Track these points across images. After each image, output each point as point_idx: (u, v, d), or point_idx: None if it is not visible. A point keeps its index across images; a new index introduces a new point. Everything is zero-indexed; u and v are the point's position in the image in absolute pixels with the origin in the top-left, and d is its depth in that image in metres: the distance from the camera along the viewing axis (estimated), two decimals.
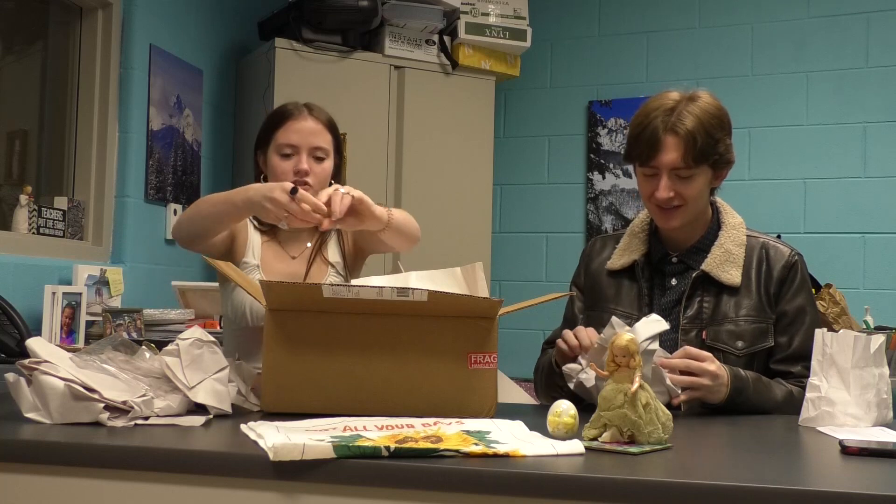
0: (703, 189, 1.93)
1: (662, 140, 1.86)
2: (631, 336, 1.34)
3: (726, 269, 1.92)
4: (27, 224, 3.05)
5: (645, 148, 1.89)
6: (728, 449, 1.42)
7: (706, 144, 1.87)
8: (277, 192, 1.85)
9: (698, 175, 1.89)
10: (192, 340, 1.50)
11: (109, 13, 3.42)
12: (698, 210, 1.95)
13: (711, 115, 1.89)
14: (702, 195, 1.93)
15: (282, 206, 1.84)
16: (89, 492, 1.25)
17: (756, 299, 1.91)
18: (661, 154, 1.87)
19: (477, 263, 1.75)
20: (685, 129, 1.86)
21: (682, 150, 1.86)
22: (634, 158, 1.94)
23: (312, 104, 2.23)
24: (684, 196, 1.89)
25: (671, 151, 1.86)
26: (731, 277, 1.91)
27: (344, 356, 1.55)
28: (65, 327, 2.87)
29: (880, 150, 4.16)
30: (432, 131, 4.11)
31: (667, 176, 1.88)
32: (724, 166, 1.94)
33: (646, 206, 1.99)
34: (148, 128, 3.50)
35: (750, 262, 1.94)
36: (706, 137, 1.87)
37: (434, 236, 4.05)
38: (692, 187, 1.89)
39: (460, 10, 4.08)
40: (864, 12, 4.19)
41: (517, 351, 4.66)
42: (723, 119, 1.92)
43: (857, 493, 1.06)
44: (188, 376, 1.47)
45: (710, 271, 1.92)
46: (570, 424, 1.32)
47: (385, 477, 1.17)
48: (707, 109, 1.89)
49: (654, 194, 1.89)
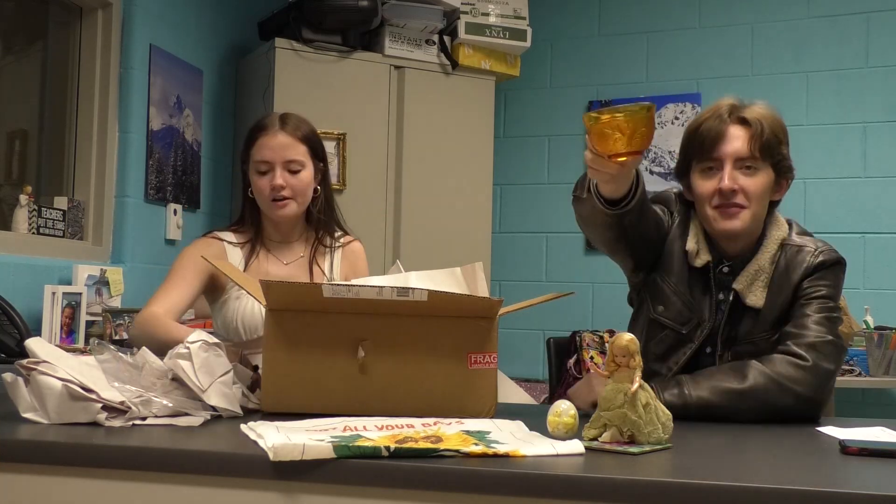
0: (766, 191, 1.84)
1: (727, 130, 1.81)
2: (631, 336, 1.34)
3: (753, 290, 1.84)
4: (27, 224, 3.05)
5: (707, 139, 1.81)
6: (728, 449, 1.42)
7: (772, 139, 1.81)
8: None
9: (762, 172, 1.82)
10: (199, 343, 1.51)
11: (109, 13, 3.42)
12: (759, 217, 1.86)
13: (774, 117, 1.86)
14: (763, 198, 1.84)
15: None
16: (87, 492, 1.25)
17: (776, 314, 1.83)
18: (725, 143, 1.81)
19: (477, 263, 1.75)
20: (752, 117, 1.81)
21: (749, 139, 1.80)
22: (693, 155, 1.86)
23: (289, 116, 2.23)
24: (748, 192, 1.81)
25: (737, 140, 1.80)
26: (755, 300, 1.83)
27: (344, 356, 1.55)
28: (65, 327, 2.87)
29: (880, 150, 4.16)
30: (432, 131, 4.11)
31: (731, 166, 1.80)
32: (785, 174, 1.87)
33: (702, 212, 1.87)
34: (148, 128, 3.50)
35: (776, 277, 1.85)
36: (771, 133, 1.81)
37: (434, 236, 4.05)
38: (756, 182, 1.81)
39: (460, 10, 4.08)
40: (864, 12, 4.19)
41: (517, 351, 4.67)
42: (783, 125, 1.87)
43: (857, 493, 1.06)
44: (201, 379, 1.48)
45: (740, 291, 1.84)
46: (570, 424, 1.32)
47: (385, 477, 1.17)
48: (769, 111, 1.86)
49: (716, 187, 1.80)
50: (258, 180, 2.17)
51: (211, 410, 1.49)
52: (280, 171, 2.14)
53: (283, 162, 2.15)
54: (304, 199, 2.19)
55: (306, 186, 2.18)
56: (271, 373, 1.56)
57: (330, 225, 2.29)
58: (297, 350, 1.56)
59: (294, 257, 2.23)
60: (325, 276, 2.23)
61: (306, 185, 2.18)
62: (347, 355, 1.55)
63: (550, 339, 3.37)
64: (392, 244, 4.02)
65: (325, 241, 2.27)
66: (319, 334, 1.56)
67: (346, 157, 3.91)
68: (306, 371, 1.55)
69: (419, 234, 4.04)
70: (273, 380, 1.56)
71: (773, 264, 1.84)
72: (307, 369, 1.55)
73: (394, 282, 1.66)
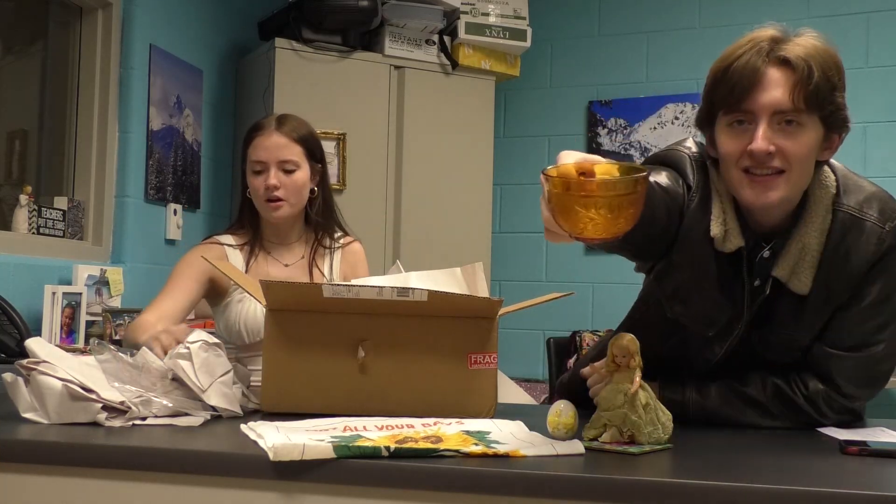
0: (811, 152, 1.43)
1: (763, 71, 1.40)
2: (631, 336, 1.34)
3: (797, 274, 1.48)
4: (27, 224, 3.04)
5: (736, 85, 1.41)
6: (728, 449, 1.42)
7: (823, 84, 1.40)
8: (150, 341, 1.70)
9: (808, 128, 1.42)
10: (199, 343, 1.51)
11: (109, 13, 3.42)
12: (801, 185, 1.46)
13: (828, 53, 1.43)
14: (808, 160, 1.44)
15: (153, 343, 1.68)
16: (87, 492, 1.25)
17: (825, 306, 1.50)
18: (759, 90, 1.40)
19: (477, 263, 1.75)
20: (796, 55, 1.40)
21: (792, 85, 1.39)
22: (719, 103, 1.45)
23: (287, 117, 2.24)
24: (788, 155, 1.41)
25: (775, 87, 1.40)
26: (799, 285, 1.48)
27: (344, 356, 1.55)
28: (65, 327, 2.87)
29: (880, 150, 4.16)
30: (432, 131, 4.11)
31: (766, 122, 1.40)
32: (838, 128, 1.46)
33: (729, 177, 1.47)
34: (148, 128, 3.50)
35: (828, 256, 1.47)
36: (822, 76, 1.40)
37: (434, 236, 4.05)
38: (800, 143, 1.41)
39: (460, 10, 4.08)
40: (864, 12, 4.19)
41: (517, 351, 4.67)
42: (839, 64, 1.45)
43: (857, 493, 1.06)
44: (201, 379, 1.48)
45: (780, 277, 1.49)
46: (569, 424, 1.32)
47: (385, 477, 1.17)
48: (820, 45, 1.44)
49: (747, 148, 1.41)
50: (253, 180, 2.17)
51: (211, 410, 1.49)
52: (274, 171, 2.14)
53: (277, 162, 2.15)
54: (297, 199, 2.19)
55: (301, 187, 2.18)
56: (271, 373, 1.56)
57: (329, 226, 2.29)
58: (297, 350, 1.56)
59: (294, 259, 2.23)
60: (324, 277, 2.23)
61: (301, 185, 2.18)
62: (347, 355, 1.55)
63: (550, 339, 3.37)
64: (392, 244, 4.02)
65: (324, 243, 2.27)
66: (319, 334, 1.56)
67: (346, 157, 3.91)
68: (306, 371, 1.55)
69: (419, 234, 4.04)
70: (273, 380, 1.56)
71: (821, 239, 1.47)
72: (307, 369, 1.55)
73: (394, 282, 1.66)
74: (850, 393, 1.55)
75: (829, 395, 1.54)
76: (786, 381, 1.56)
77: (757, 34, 1.46)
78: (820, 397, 1.54)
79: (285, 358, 1.56)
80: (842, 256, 1.47)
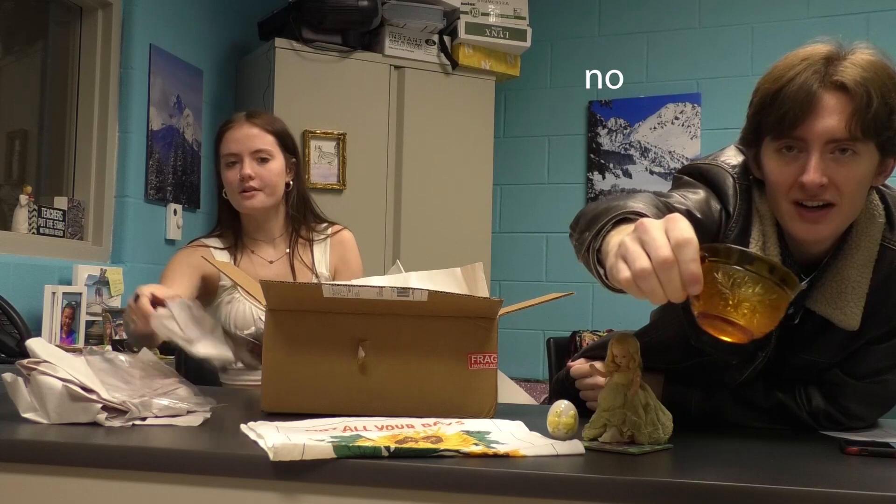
0: (866, 181, 1.35)
1: (818, 96, 1.29)
2: (632, 336, 1.34)
3: (841, 308, 1.39)
4: (27, 224, 3.04)
5: (789, 111, 1.30)
6: (728, 449, 1.42)
7: (882, 110, 1.29)
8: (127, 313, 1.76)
9: (863, 157, 1.32)
10: (179, 302, 1.52)
11: (109, 13, 3.42)
12: (853, 216, 1.38)
13: (886, 73, 1.32)
14: (861, 190, 1.35)
15: (130, 312, 1.72)
16: (87, 492, 1.25)
17: (856, 341, 1.43)
18: (813, 118, 1.30)
19: (477, 263, 1.75)
20: (853, 80, 1.29)
21: (849, 113, 1.29)
22: (768, 129, 1.35)
23: (256, 111, 2.26)
24: (840, 186, 1.31)
25: (831, 115, 1.29)
26: (846, 320, 1.39)
27: (344, 356, 1.55)
28: (65, 327, 2.87)
29: None
30: (432, 131, 4.11)
31: (819, 152, 1.31)
32: (894, 151, 1.36)
33: (777, 206, 1.39)
34: (148, 128, 3.50)
35: (874, 289, 1.39)
36: (881, 101, 1.29)
37: (434, 236, 4.05)
38: (853, 173, 1.31)
39: (460, 10, 4.08)
40: (864, 12, 4.19)
41: (517, 351, 4.67)
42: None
43: (857, 493, 1.06)
44: (187, 332, 1.49)
45: (821, 312, 1.40)
46: (569, 424, 1.32)
47: (385, 477, 1.17)
48: (879, 64, 1.32)
49: (798, 180, 1.32)
50: (227, 173, 2.17)
51: (211, 408, 1.49)
52: (248, 161, 2.14)
53: (250, 152, 2.15)
54: (272, 190, 2.17)
55: (276, 177, 2.17)
56: (271, 373, 1.56)
57: (307, 218, 2.28)
58: (297, 350, 1.56)
59: (279, 255, 2.23)
60: (309, 269, 2.23)
61: (276, 175, 2.17)
62: (347, 355, 1.55)
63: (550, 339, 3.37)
64: (392, 244, 4.02)
65: (304, 235, 2.26)
66: (319, 334, 1.56)
67: (346, 157, 3.91)
68: (306, 371, 1.55)
69: (419, 234, 4.04)
70: (273, 380, 1.56)
71: (864, 272, 1.39)
72: (307, 369, 1.55)
73: (394, 282, 1.66)
74: (857, 414, 1.54)
75: (832, 415, 1.54)
76: (790, 395, 1.55)
77: (811, 51, 1.35)
78: (822, 415, 1.54)
79: (285, 358, 1.56)
80: (887, 291, 1.42)
